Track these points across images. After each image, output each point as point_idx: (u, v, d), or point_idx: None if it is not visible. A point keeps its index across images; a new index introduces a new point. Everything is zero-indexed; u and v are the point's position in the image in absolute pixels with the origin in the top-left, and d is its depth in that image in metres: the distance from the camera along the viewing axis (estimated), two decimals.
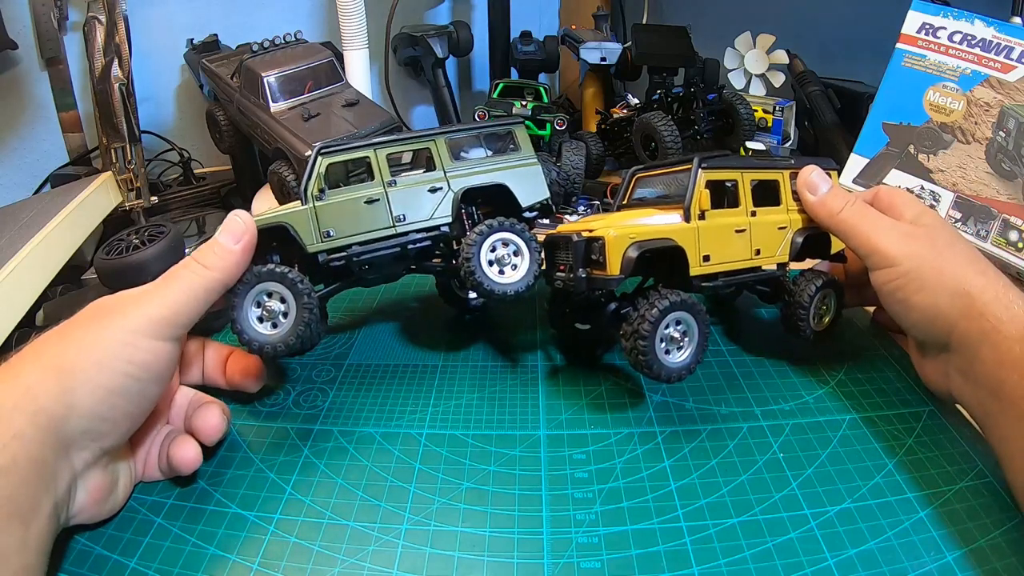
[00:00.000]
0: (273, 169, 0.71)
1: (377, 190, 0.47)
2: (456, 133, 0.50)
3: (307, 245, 0.46)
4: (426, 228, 0.48)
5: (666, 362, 0.44)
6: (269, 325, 0.44)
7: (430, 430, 0.45)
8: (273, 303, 0.43)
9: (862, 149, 0.69)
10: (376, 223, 0.47)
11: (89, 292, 0.65)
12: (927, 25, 0.65)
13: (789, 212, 0.51)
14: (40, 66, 0.88)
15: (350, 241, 0.47)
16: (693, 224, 0.46)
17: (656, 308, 0.42)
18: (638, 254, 0.43)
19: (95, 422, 0.33)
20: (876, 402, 0.47)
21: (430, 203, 0.48)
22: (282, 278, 0.43)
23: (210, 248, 0.40)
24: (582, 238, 0.44)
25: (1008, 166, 0.60)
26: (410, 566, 0.35)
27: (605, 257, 0.43)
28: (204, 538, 0.37)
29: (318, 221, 0.46)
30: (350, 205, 0.47)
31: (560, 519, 0.38)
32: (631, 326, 0.43)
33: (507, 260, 0.48)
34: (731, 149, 0.87)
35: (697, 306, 0.44)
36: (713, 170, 0.47)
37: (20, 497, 0.29)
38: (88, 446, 0.33)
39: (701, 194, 0.46)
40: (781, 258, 0.51)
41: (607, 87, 1.04)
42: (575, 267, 0.45)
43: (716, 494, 0.39)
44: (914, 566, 0.34)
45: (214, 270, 0.39)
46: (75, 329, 0.35)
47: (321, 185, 0.46)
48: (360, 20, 0.83)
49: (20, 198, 0.78)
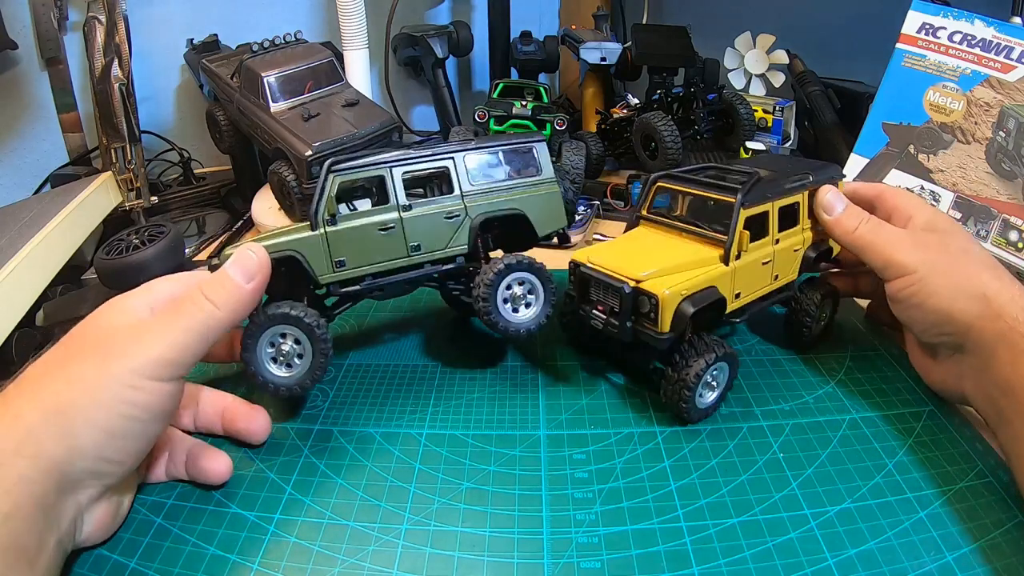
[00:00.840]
0: (273, 169, 0.71)
1: (392, 216, 0.45)
2: (476, 151, 0.48)
3: (319, 276, 0.44)
4: (442, 259, 0.47)
5: (699, 404, 0.45)
6: (283, 366, 0.42)
7: (430, 430, 0.45)
8: (287, 344, 0.42)
9: (862, 149, 0.69)
10: (391, 253, 0.45)
11: (89, 292, 0.65)
12: (927, 25, 0.65)
13: (804, 232, 0.51)
14: (40, 66, 0.88)
15: (364, 272, 0.45)
16: (732, 265, 0.45)
17: (704, 361, 0.43)
18: (692, 312, 0.42)
19: (98, 463, 0.33)
20: (876, 402, 0.47)
21: (447, 231, 0.46)
22: (298, 323, 0.41)
23: (219, 283, 0.38)
24: (632, 289, 0.43)
25: (1008, 166, 0.60)
26: (410, 566, 0.35)
27: (658, 314, 0.42)
28: (204, 538, 0.37)
29: (330, 249, 0.44)
30: (364, 232, 0.44)
31: (560, 519, 0.38)
32: (677, 374, 0.43)
33: (522, 298, 0.47)
34: (731, 149, 0.87)
35: (736, 358, 0.46)
36: (751, 206, 0.46)
37: (26, 539, 0.29)
38: (92, 484, 0.33)
39: (742, 236, 0.45)
40: (793, 276, 0.51)
41: (607, 87, 1.04)
42: (621, 317, 0.43)
43: (716, 494, 0.39)
44: (914, 566, 0.35)
45: (222, 309, 0.37)
46: (74, 364, 0.34)
47: (333, 209, 0.43)
48: (360, 20, 0.83)
49: (20, 198, 0.78)
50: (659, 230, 0.50)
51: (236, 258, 0.39)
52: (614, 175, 0.93)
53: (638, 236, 0.50)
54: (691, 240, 0.47)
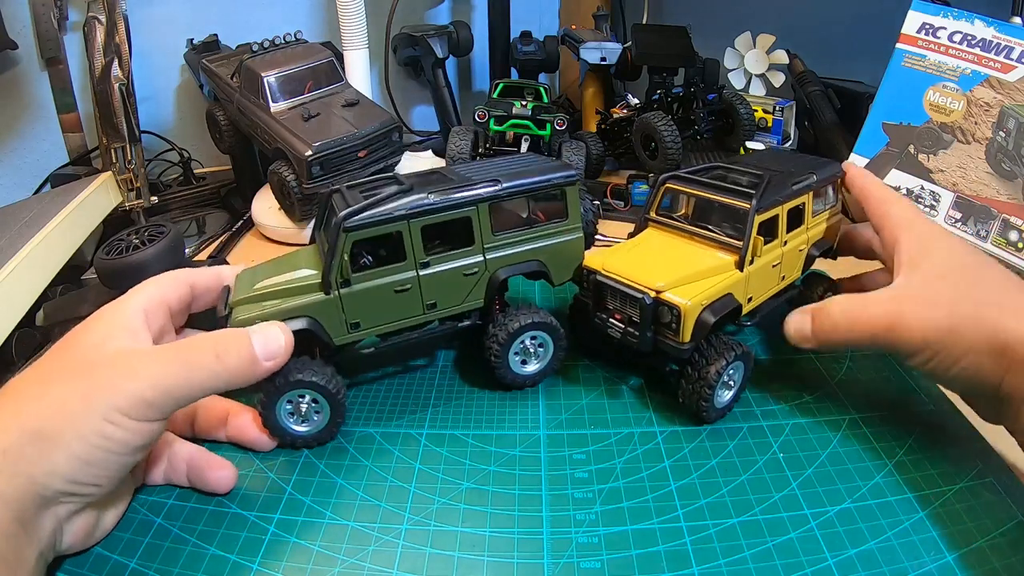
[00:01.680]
0: (273, 169, 0.71)
1: (409, 275, 0.43)
2: (503, 199, 0.44)
3: (334, 339, 0.42)
4: (456, 316, 0.46)
5: (717, 404, 0.45)
6: (299, 419, 0.42)
7: (430, 430, 0.45)
8: (305, 403, 0.42)
9: (862, 149, 0.69)
10: (406, 312, 0.44)
11: (89, 292, 0.65)
12: (927, 25, 0.65)
13: (808, 230, 0.51)
14: (40, 66, 0.88)
15: (379, 332, 0.44)
16: (746, 271, 0.45)
17: (725, 360, 0.43)
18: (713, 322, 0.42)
19: (74, 485, 0.32)
20: (876, 401, 0.47)
21: (464, 288, 0.45)
22: (317, 387, 0.41)
23: (237, 349, 0.37)
24: (653, 300, 0.42)
25: (1008, 166, 0.60)
26: (410, 566, 0.35)
27: (679, 325, 0.42)
28: (204, 538, 0.37)
29: (344, 313, 0.42)
30: (379, 294, 0.42)
31: (560, 519, 0.38)
32: (697, 373, 0.43)
33: (532, 352, 0.48)
34: (731, 149, 0.87)
35: (751, 356, 0.46)
36: (764, 211, 0.45)
37: (6, 552, 0.29)
38: (71, 500, 0.33)
39: (756, 241, 0.45)
40: (797, 274, 0.51)
41: (607, 87, 1.04)
42: (642, 327, 0.43)
43: (716, 494, 0.39)
44: (914, 566, 0.35)
45: (228, 373, 0.36)
46: (57, 385, 0.33)
47: (347, 274, 0.41)
48: (360, 20, 0.83)
49: (20, 198, 0.78)
50: (669, 233, 0.50)
51: (263, 332, 0.38)
52: (614, 175, 0.93)
53: (649, 240, 0.50)
54: (703, 244, 0.47)
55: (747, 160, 0.55)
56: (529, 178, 0.45)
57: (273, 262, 0.46)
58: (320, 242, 0.46)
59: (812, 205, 0.50)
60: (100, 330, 0.36)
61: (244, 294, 0.42)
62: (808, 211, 0.50)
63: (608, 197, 0.83)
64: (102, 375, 0.33)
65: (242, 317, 0.40)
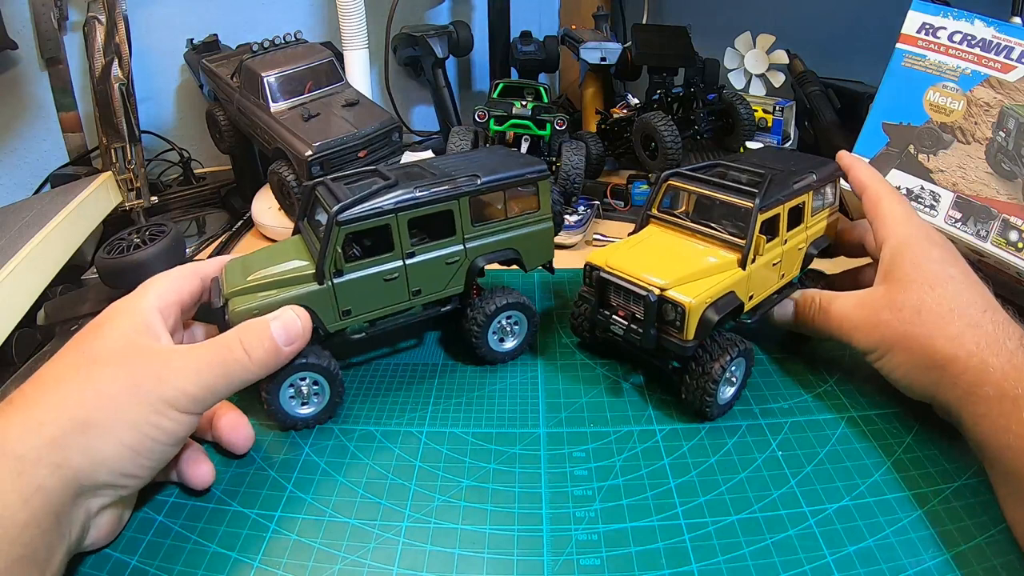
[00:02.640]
0: (273, 169, 0.71)
1: (396, 264, 0.46)
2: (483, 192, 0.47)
3: (328, 325, 0.45)
4: (439, 301, 0.49)
5: (720, 401, 0.45)
6: (299, 402, 0.44)
7: (430, 428, 0.45)
8: (306, 385, 0.44)
9: (862, 149, 0.69)
10: (393, 299, 0.47)
11: (89, 292, 0.65)
12: (927, 25, 0.65)
13: (808, 229, 0.51)
14: (40, 66, 0.88)
15: (368, 318, 0.47)
16: (748, 269, 0.45)
17: (728, 355, 0.43)
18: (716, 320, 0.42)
19: (118, 476, 0.33)
20: (874, 400, 0.47)
21: (446, 275, 0.48)
22: (319, 369, 0.43)
23: (259, 339, 0.39)
24: (657, 297, 0.43)
25: (1008, 166, 0.60)
26: (410, 563, 0.35)
27: (683, 323, 0.42)
28: (205, 536, 0.37)
29: (337, 301, 0.45)
30: (369, 282, 0.45)
31: (560, 516, 0.38)
32: (701, 368, 0.43)
33: (509, 330, 0.51)
34: (731, 149, 0.87)
35: (753, 353, 0.46)
36: (767, 210, 0.45)
37: (39, 548, 0.30)
38: (107, 494, 0.34)
39: (759, 240, 0.45)
40: (796, 272, 0.52)
41: (607, 87, 1.04)
42: (646, 325, 0.43)
43: (715, 492, 0.39)
44: (912, 563, 0.35)
45: (256, 365, 0.39)
46: (98, 375, 0.34)
47: (340, 265, 0.44)
48: (360, 20, 0.83)
49: (20, 198, 0.78)
50: (670, 230, 0.50)
51: (281, 319, 0.40)
52: (614, 175, 0.93)
53: (651, 238, 0.50)
54: (705, 242, 0.47)
55: (748, 158, 0.55)
56: (505, 172, 0.48)
57: (261, 253, 0.47)
58: (305, 232, 0.48)
59: (811, 204, 0.50)
60: (122, 326, 0.37)
61: (238, 285, 0.43)
62: (808, 210, 0.50)
63: (608, 197, 0.83)
64: (145, 368, 0.35)
65: (240, 308, 0.42)
